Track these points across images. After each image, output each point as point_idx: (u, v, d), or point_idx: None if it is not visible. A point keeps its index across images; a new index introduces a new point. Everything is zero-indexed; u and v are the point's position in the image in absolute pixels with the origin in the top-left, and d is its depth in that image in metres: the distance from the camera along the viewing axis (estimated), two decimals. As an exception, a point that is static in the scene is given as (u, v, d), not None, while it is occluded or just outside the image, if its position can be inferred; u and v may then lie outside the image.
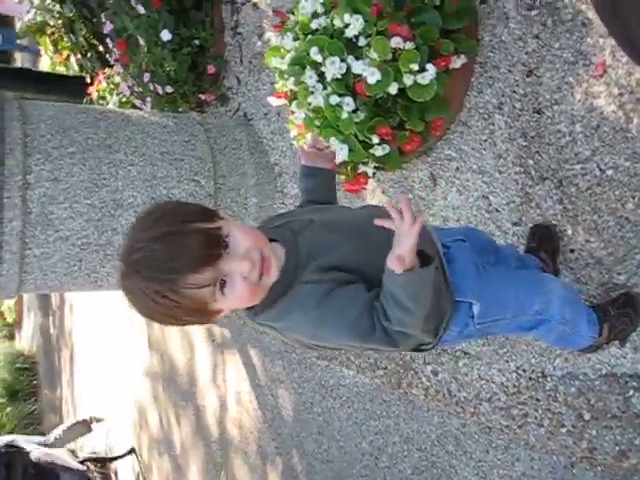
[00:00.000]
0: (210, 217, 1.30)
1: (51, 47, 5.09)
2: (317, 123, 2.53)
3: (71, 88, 4.84)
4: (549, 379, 2.22)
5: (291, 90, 2.62)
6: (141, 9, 3.62)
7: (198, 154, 3.26)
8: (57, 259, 3.00)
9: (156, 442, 5.37)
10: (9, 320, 8.30)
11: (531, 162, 2.25)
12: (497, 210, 2.37)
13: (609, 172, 2.04)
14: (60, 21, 4.76)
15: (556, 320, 1.76)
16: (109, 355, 6.27)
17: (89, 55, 4.88)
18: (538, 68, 2.20)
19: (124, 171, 3.07)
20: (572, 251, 2.16)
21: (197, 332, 4.67)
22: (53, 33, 4.95)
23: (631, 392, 1.99)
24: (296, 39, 2.55)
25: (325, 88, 2.44)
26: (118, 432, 6.09)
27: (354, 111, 2.38)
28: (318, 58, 2.38)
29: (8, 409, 7.52)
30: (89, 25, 4.64)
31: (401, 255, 1.25)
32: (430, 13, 2.22)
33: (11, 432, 6.78)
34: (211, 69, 3.78)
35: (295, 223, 1.51)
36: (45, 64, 6.36)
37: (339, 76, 2.36)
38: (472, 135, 2.43)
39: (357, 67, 2.27)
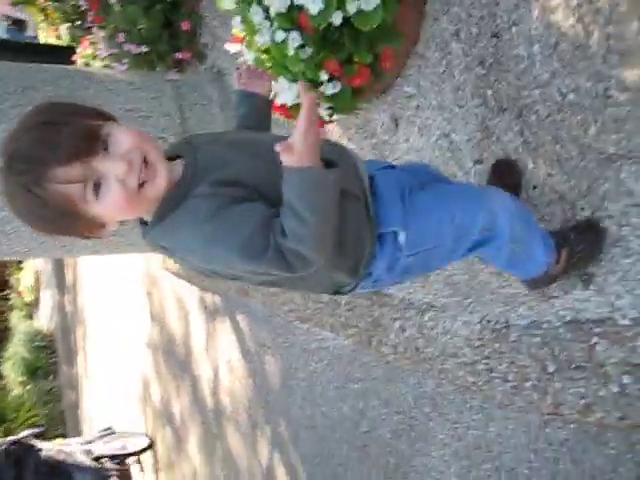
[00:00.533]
0: (96, 115, 1.21)
1: (42, 17, 5.01)
2: (268, 64, 2.36)
3: (60, 58, 4.74)
4: (513, 329, 2.03)
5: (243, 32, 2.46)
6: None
7: (165, 110, 3.12)
8: (20, 222, 2.90)
9: (159, 415, 5.32)
10: (27, 299, 8.37)
11: (490, 92, 2.05)
12: (459, 149, 2.17)
13: (570, 96, 1.83)
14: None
15: (507, 235, 1.53)
16: (116, 329, 6.24)
17: (78, 23, 4.77)
18: (494, -14, 1.99)
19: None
20: (534, 187, 1.96)
21: (192, 301, 4.58)
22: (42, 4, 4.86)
23: (595, 339, 1.79)
24: (244, -25, 2.38)
25: (272, 25, 2.26)
26: (129, 410, 6.07)
27: (301, 47, 2.20)
28: (260, -9, 2.21)
29: (28, 386, 7.59)
30: (75, -9, 4.52)
31: (290, 143, 1.15)
32: None
33: (30, 409, 6.84)
34: (185, 25, 3.62)
35: (200, 138, 1.40)
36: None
37: (283, 10, 2.18)
38: (430, 68, 2.23)
39: (298, -4, 2.09)
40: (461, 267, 2.21)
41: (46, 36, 5.33)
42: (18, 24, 7.88)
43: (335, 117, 2.57)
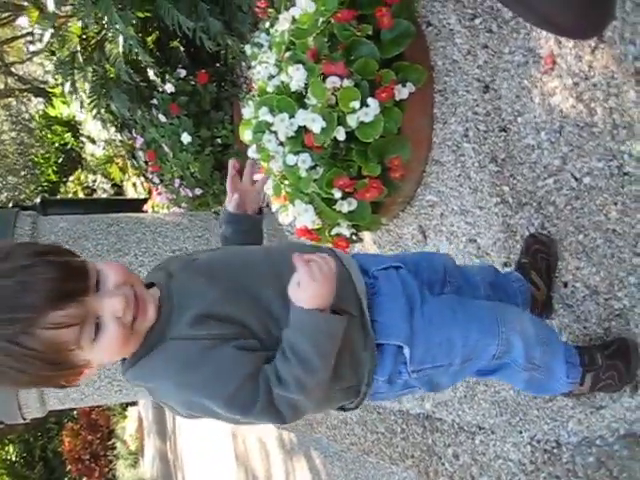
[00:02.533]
0: (72, 252, 1.12)
1: (120, 174, 5.36)
2: (288, 190, 2.34)
3: (135, 209, 5.01)
4: (564, 449, 1.76)
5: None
6: (163, 118, 3.70)
7: (212, 247, 3.15)
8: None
9: None
10: (132, 448, 8.43)
11: (506, 189, 1.91)
12: (486, 253, 2.01)
13: (586, 180, 1.67)
14: (122, 149, 5.01)
15: (520, 366, 1.39)
16: (208, 471, 6.13)
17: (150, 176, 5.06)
18: (494, 80, 1.91)
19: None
20: (565, 285, 1.76)
21: (271, 439, 4.43)
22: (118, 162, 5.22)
23: (655, 454, 1.51)
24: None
25: (284, 150, 2.27)
26: None
27: (312, 168, 2.17)
28: (269, 118, 2.23)
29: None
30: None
31: (306, 284, 1.10)
32: (366, 46, 2.01)
33: None
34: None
35: (175, 263, 1.28)
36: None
37: (292, 133, 2.18)
38: (447, 173, 2.12)
39: (300, 118, 2.09)
40: (506, 383, 1.98)
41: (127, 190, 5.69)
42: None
43: (362, 235, 2.48)
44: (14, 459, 10.74)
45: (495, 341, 1.34)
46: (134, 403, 8.34)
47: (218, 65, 3.67)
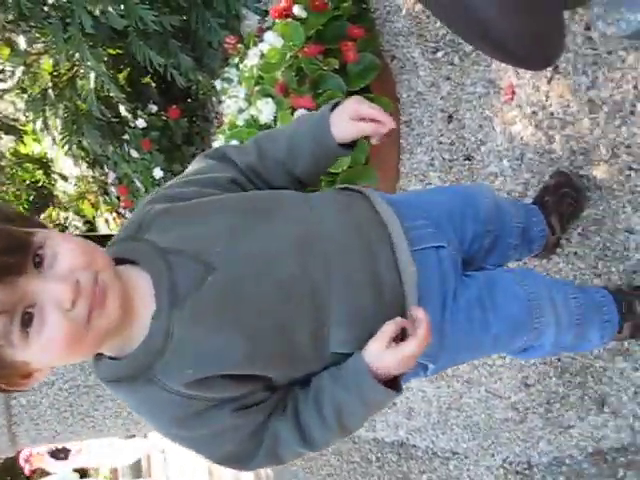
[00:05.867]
0: (25, 221, 0.88)
1: (92, 210, 5.36)
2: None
3: (105, 245, 5.00)
4: (536, 470, 1.78)
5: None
6: (135, 153, 3.72)
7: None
8: (46, 406, 2.89)
9: None
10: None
11: (472, 214, 1.96)
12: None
13: (547, 205, 1.72)
14: (94, 185, 5.02)
15: (545, 350, 1.28)
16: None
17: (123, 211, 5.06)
18: (457, 111, 1.97)
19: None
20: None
21: (248, 476, 4.37)
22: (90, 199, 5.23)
23: (621, 472, 1.54)
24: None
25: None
26: None
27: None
28: (239, 151, 2.26)
29: None
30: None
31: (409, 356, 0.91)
32: (332, 79, 2.07)
33: None
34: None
35: (163, 221, 0.96)
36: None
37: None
38: (414, 200, 2.17)
39: (270, 149, 2.13)
40: (478, 406, 2.01)
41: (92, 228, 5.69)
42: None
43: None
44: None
45: (525, 336, 1.20)
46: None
47: (189, 100, 3.72)
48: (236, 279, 0.92)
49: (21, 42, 3.40)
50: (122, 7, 2.82)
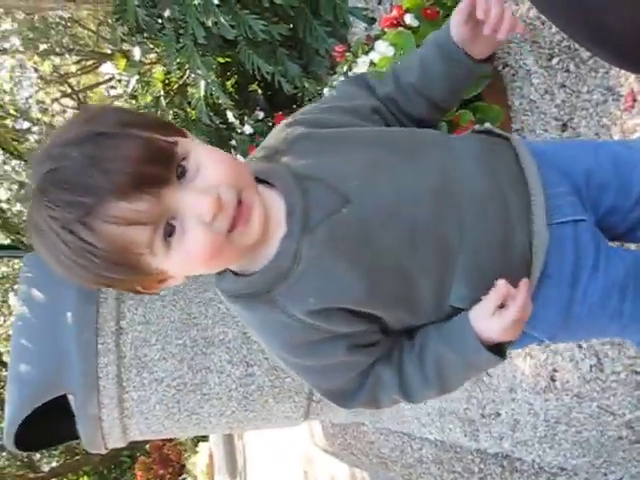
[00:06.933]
0: (167, 129, 0.86)
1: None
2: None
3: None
4: (654, 493, 1.71)
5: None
6: (241, 159, 3.83)
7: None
8: (155, 401, 3.02)
9: None
10: (202, 485, 8.52)
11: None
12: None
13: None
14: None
15: None
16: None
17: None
18: (572, 119, 1.92)
19: (213, 309, 3.09)
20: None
21: (344, 477, 4.40)
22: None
23: None
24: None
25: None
26: None
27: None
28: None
29: None
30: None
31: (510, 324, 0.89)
32: (443, 87, 2.06)
33: None
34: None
35: (320, 183, 0.93)
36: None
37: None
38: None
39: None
40: (589, 422, 1.95)
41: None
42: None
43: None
44: (88, 491, 10.99)
45: None
46: (205, 438, 8.43)
47: (295, 107, 3.79)
48: (369, 216, 0.91)
49: (136, 53, 3.57)
50: (231, 17, 2.92)
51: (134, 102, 4.52)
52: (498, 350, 0.92)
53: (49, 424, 2.98)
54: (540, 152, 1.06)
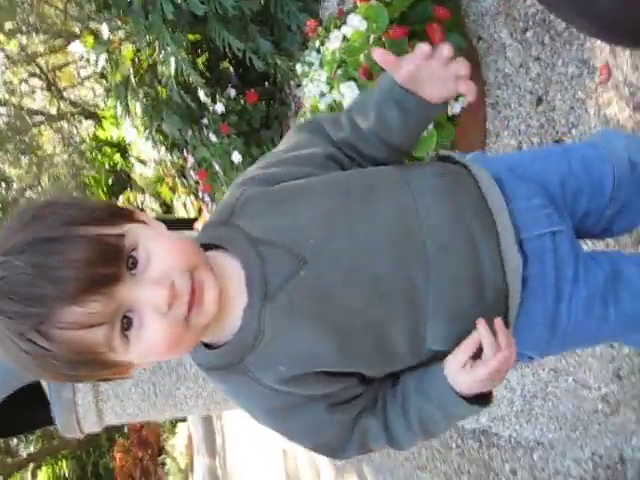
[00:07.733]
0: (113, 218, 0.84)
1: (170, 194, 5.47)
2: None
3: (182, 228, 5.10)
4: (629, 465, 1.72)
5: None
6: (213, 137, 3.77)
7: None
8: (130, 384, 2.98)
9: None
10: (181, 465, 8.52)
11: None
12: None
13: None
14: (173, 169, 5.12)
15: None
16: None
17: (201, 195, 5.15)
18: (547, 92, 1.91)
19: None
20: None
21: (322, 456, 4.42)
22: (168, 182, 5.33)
23: None
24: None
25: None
26: None
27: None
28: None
29: None
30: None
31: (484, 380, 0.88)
32: (417, 61, 2.03)
33: None
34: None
35: (253, 208, 0.93)
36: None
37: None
38: (500, 185, 2.12)
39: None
40: (565, 396, 1.96)
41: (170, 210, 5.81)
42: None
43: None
44: (67, 475, 10.94)
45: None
46: (184, 419, 8.42)
47: (267, 84, 3.74)
48: (328, 274, 0.89)
49: (104, 31, 3.49)
50: (201, -7, 2.85)
51: (104, 82, 4.42)
52: (482, 396, 0.91)
53: (25, 411, 2.94)
54: (515, 165, 1.05)
